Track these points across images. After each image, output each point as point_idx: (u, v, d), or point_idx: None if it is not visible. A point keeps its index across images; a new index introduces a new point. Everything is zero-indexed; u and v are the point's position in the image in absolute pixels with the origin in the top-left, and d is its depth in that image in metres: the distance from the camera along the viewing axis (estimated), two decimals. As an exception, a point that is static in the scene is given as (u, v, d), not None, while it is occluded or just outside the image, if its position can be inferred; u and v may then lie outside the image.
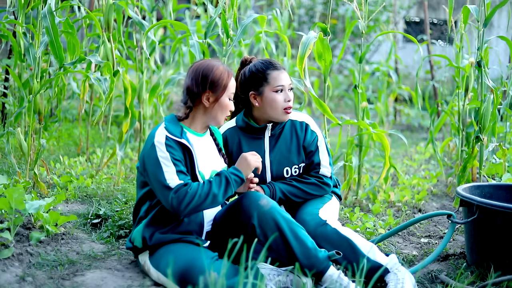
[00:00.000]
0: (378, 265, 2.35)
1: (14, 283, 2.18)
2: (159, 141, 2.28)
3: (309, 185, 2.69)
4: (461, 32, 4.02)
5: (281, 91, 2.63)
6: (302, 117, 2.75)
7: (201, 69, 2.38)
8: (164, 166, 2.25)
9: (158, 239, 2.30)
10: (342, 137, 4.78)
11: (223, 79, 2.38)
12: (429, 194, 4.21)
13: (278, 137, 2.72)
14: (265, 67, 2.64)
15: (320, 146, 2.73)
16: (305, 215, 2.56)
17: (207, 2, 3.67)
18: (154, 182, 2.27)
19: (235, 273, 2.14)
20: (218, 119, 2.42)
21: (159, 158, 2.26)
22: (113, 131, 5.71)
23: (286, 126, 2.72)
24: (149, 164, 2.28)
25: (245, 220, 2.30)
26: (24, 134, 3.73)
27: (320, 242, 2.42)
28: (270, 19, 5.84)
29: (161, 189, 2.24)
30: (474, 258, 2.60)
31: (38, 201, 2.66)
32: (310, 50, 2.95)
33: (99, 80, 3.48)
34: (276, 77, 2.62)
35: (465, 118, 4.10)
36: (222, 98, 2.39)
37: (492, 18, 3.61)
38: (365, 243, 2.42)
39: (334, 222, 2.51)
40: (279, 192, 2.66)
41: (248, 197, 2.33)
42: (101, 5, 3.94)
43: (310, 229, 2.45)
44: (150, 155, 2.28)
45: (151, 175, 2.27)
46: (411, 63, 10.66)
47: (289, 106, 2.64)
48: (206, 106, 2.38)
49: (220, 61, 2.47)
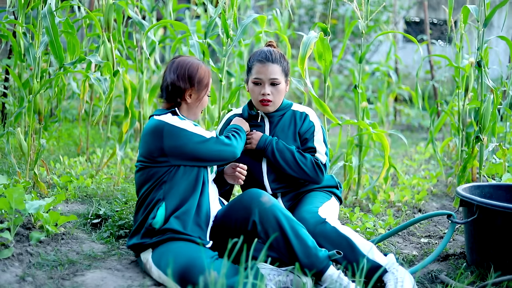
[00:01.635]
0: (377, 265, 2.35)
1: (14, 283, 2.18)
2: (171, 120, 2.38)
3: (303, 158, 2.68)
4: (461, 32, 4.02)
5: (259, 84, 2.69)
6: (304, 109, 2.81)
7: (186, 67, 2.46)
8: (194, 129, 2.38)
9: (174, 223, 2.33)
10: (342, 137, 4.78)
11: (206, 78, 2.50)
12: (429, 194, 4.21)
13: (276, 124, 2.77)
14: (254, 58, 2.73)
15: (315, 135, 2.75)
16: (304, 213, 2.55)
17: (207, 2, 3.67)
18: (193, 148, 2.36)
19: (235, 273, 2.14)
20: (197, 114, 2.54)
21: (185, 127, 2.36)
22: (113, 131, 5.71)
23: (286, 114, 2.78)
24: (175, 141, 2.34)
25: (246, 216, 2.31)
26: (24, 134, 3.73)
27: (319, 240, 2.41)
28: (270, 19, 5.84)
29: (206, 145, 2.38)
30: (474, 258, 2.60)
31: (38, 201, 2.66)
32: (311, 50, 2.95)
33: (99, 80, 3.48)
34: (257, 70, 2.69)
35: (465, 118, 4.10)
36: (203, 95, 2.50)
37: (492, 18, 3.61)
38: (364, 243, 2.42)
39: (334, 220, 2.50)
40: (274, 142, 2.68)
41: (249, 194, 2.35)
42: (101, 5, 3.94)
43: (309, 227, 2.45)
44: (173, 133, 2.34)
45: (184, 145, 2.35)
46: (411, 63, 10.67)
47: (264, 99, 2.69)
48: (188, 102, 2.47)
49: (196, 57, 2.58)
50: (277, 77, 2.68)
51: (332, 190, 2.82)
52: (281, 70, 2.70)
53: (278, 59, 2.71)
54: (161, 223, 2.32)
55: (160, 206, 2.34)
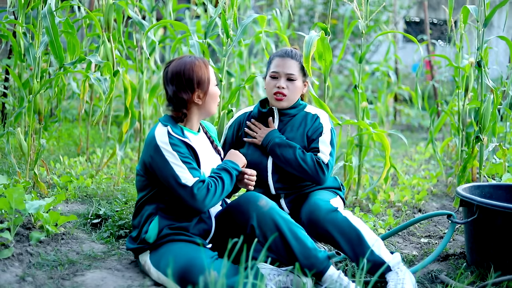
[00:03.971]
0: (381, 261, 2.34)
1: (14, 283, 2.18)
2: (162, 141, 2.27)
3: (303, 155, 2.65)
4: (461, 32, 4.02)
5: (276, 78, 2.71)
6: (317, 111, 2.80)
7: (182, 73, 2.36)
8: (175, 166, 2.25)
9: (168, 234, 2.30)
10: (342, 137, 4.79)
11: (205, 73, 2.39)
12: (429, 194, 4.21)
13: (286, 123, 2.76)
14: (275, 54, 2.79)
15: (323, 135, 2.71)
16: (317, 200, 2.55)
17: (207, 2, 3.67)
18: (169, 182, 2.26)
19: (235, 273, 2.14)
20: (212, 109, 2.45)
21: (168, 159, 2.25)
22: (113, 131, 5.71)
23: (298, 115, 2.77)
24: (158, 167, 2.27)
25: (244, 221, 2.30)
26: (24, 134, 3.73)
27: (328, 227, 2.41)
28: (270, 19, 5.84)
29: (178, 188, 2.24)
30: (474, 258, 2.60)
31: (38, 201, 2.66)
32: (314, 48, 2.94)
33: (99, 80, 3.48)
34: (276, 64, 2.73)
35: (465, 118, 4.10)
36: (210, 89, 2.41)
37: (492, 18, 3.60)
38: (373, 237, 2.41)
39: (345, 211, 2.51)
40: (277, 138, 2.68)
41: (246, 198, 2.33)
42: (101, 5, 3.94)
43: (321, 213, 2.45)
44: (156, 158, 2.27)
45: (164, 177, 2.26)
46: (411, 63, 10.66)
47: (279, 92, 2.69)
48: (199, 104, 2.40)
49: (188, 54, 2.46)
50: (293, 73, 2.71)
51: (336, 191, 2.81)
52: (299, 68, 2.74)
53: (298, 57, 2.76)
54: (154, 237, 2.29)
55: (153, 220, 2.31)
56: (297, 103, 2.78)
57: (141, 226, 2.35)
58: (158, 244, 2.30)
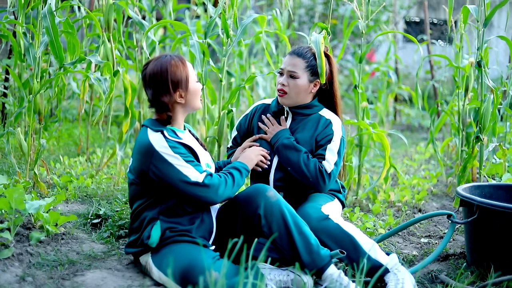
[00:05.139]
0: (378, 264, 2.35)
1: (14, 283, 2.18)
2: (162, 146, 2.26)
3: (307, 160, 2.62)
4: (461, 32, 4.02)
5: (281, 74, 2.73)
6: (330, 116, 2.75)
7: (159, 75, 2.32)
8: (181, 167, 2.25)
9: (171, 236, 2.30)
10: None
11: (182, 72, 2.35)
12: (429, 194, 4.21)
13: (299, 123, 2.74)
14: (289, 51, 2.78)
15: (332, 143, 2.67)
16: (308, 208, 2.54)
17: (207, 2, 3.67)
18: (177, 185, 2.25)
19: (235, 273, 2.14)
20: (195, 105, 2.43)
21: (173, 163, 2.25)
22: (113, 131, 5.71)
23: (312, 117, 2.74)
24: (163, 173, 2.25)
25: (252, 209, 2.30)
26: (24, 134, 3.73)
27: (321, 236, 2.40)
28: (270, 19, 5.84)
29: (190, 188, 2.24)
30: (474, 258, 2.60)
31: (38, 201, 2.66)
32: (323, 45, 2.90)
33: (99, 80, 3.48)
34: (284, 60, 2.76)
35: (465, 118, 4.10)
36: (190, 87, 2.38)
37: (492, 18, 3.60)
38: (367, 241, 2.41)
39: (337, 217, 2.49)
40: (285, 139, 2.66)
41: (255, 188, 2.35)
42: (101, 5, 3.94)
43: (312, 222, 2.43)
44: (160, 165, 2.25)
45: (172, 181, 2.25)
46: (411, 63, 10.66)
47: (279, 89, 2.70)
48: (182, 103, 2.38)
49: (164, 53, 2.42)
50: (295, 71, 2.68)
51: (335, 193, 2.79)
52: (304, 66, 2.69)
53: (306, 56, 2.71)
54: (157, 241, 2.29)
55: (155, 225, 2.29)
56: (311, 103, 2.74)
57: (141, 231, 2.33)
58: (160, 245, 2.30)
